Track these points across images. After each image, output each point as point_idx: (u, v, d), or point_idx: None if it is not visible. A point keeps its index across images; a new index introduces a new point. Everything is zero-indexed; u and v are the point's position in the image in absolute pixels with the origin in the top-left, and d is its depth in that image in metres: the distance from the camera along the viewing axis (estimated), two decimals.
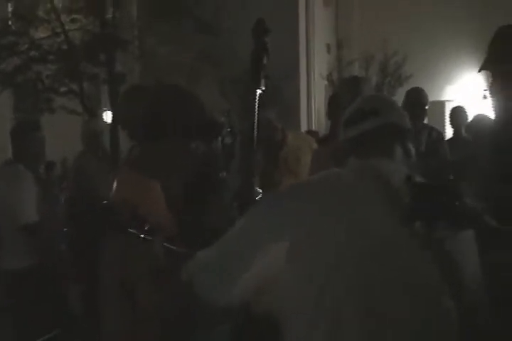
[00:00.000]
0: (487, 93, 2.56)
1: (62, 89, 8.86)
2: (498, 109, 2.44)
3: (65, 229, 4.01)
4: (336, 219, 1.35)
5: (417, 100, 4.12)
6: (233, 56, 7.69)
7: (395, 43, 10.64)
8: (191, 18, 8.87)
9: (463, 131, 5.14)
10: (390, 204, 1.37)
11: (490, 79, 2.36)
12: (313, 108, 11.14)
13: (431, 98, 4.41)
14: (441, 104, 10.14)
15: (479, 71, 2.37)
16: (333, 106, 3.49)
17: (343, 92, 3.33)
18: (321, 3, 12.09)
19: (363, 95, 1.85)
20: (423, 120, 4.28)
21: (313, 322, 1.29)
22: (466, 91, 11.02)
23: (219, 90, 9.27)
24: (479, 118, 4.99)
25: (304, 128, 9.85)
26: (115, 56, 8.87)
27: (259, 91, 2.14)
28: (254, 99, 2.12)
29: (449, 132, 6.10)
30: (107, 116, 10.12)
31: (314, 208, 1.37)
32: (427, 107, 4.17)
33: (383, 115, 1.54)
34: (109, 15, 8.88)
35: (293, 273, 1.33)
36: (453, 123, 5.38)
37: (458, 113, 5.40)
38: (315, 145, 3.48)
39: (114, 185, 1.78)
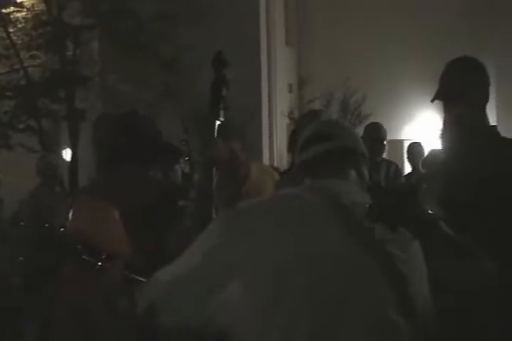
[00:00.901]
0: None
1: (20, 125, 8.74)
2: (447, 141, 2.50)
3: (20, 258, 3.88)
4: (287, 235, 1.36)
5: (376, 135, 4.20)
6: (194, 92, 7.74)
7: (355, 82, 10.87)
8: (153, 54, 8.93)
9: (420, 165, 5.23)
10: (341, 223, 1.37)
11: (442, 112, 2.42)
12: (275, 145, 11.23)
13: (389, 137, 4.50)
14: (400, 143, 10.33)
15: (432, 101, 2.44)
16: (294, 139, 3.52)
17: (302, 125, 3.36)
18: (283, 43, 12.35)
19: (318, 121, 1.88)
20: (382, 155, 4.34)
21: (266, 335, 1.29)
22: (424, 130, 11.27)
23: (181, 126, 9.27)
24: (434, 153, 5.08)
25: (265, 162, 9.91)
26: (75, 92, 8.82)
27: (218, 122, 2.14)
28: (213, 129, 2.12)
29: (408, 170, 6.20)
30: (67, 154, 9.98)
31: (269, 224, 1.38)
32: (385, 142, 4.25)
33: (336, 139, 1.56)
34: (70, 52, 8.87)
35: (244, 290, 1.32)
36: (410, 159, 5.49)
37: (414, 149, 5.51)
38: (277, 177, 3.48)
39: (71, 212, 1.74)
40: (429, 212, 1.30)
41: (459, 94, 2.33)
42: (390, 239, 1.35)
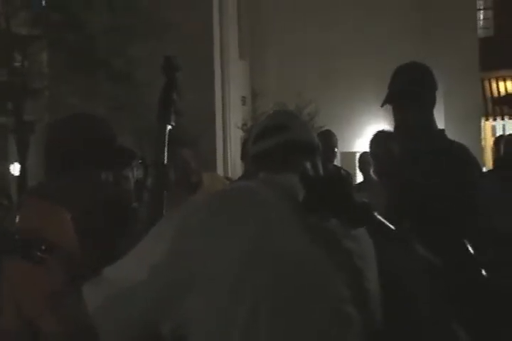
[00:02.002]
0: None
1: None
2: (396, 144, 2.57)
3: None
4: (242, 230, 1.30)
5: (327, 143, 4.23)
6: (147, 105, 7.67)
7: (308, 95, 11.00)
8: (104, 66, 8.82)
9: (371, 173, 5.30)
10: (297, 218, 1.33)
11: (392, 116, 2.47)
12: (229, 156, 11.24)
13: (342, 149, 4.55)
14: (353, 155, 10.48)
15: (382, 106, 2.49)
16: (246, 147, 3.52)
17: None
18: (237, 57, 12.41)
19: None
20: (333, 161, 4.39)
21: (226, 336, 1.25)
22: None
23: (133, 139, 9.18)
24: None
25: (220, 172, 9.89)
26: (23, 105, 8.62)
27: (169, 127, 2.10)
28: (164, 134, 2.08)
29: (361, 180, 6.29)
30: (15, 169, 9.72)
31: (222, 219, 1.33)
32: (336, 150, 4.30)
33: (289, 131, 1.50)
34: (18, 63, 8.68)
35: (203, 291, 1.27)
36: (361, 167, 5.55)
37: (365, 157, 5.58)
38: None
39: (19, 212, 1.69)
40: (364, 200, 1.29)
41: (408, 98, 2.40)
42: (345, 234, 1.33)
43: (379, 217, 1.28)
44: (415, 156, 2.40)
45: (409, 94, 2.39)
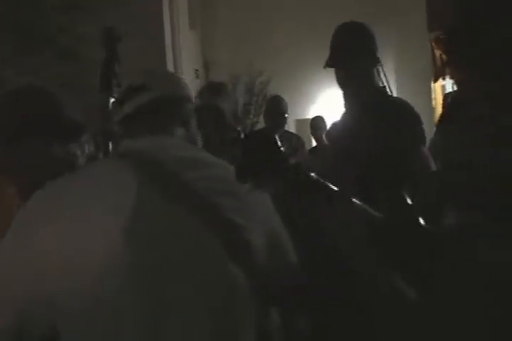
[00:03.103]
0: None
1: None
2: (344, 103, 2.66)
3: None
4: (105, 222, 1.18)
5: (276, 108, 4.30)
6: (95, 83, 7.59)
7: (260, 64, 10.99)
8: (53, 46, 8.65)
9: (323, 138, 5.41)
10: (163, 191, 1.20)
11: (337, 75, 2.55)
12: None
13: (296, 116, 4.61)
14: (306, 122, 10.58)
15: (324, 67, 2.55)
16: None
17: (203, 99, 3.40)
18: (187, 27, 12.26)
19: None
20: (283, 127, 4.46)
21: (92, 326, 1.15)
22: (329, 109, 11.59)
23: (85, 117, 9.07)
24: (335, 124, 5.26)
25: None
26: None
27: (112, 99, 2.13)
28: (107, 106, 2.12)
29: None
30: None
31: (81, 211, 1.19)
32: (286, 115, 4.37)
33: (153, 89, 1.38)
34: None
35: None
36: (313, 133, 5.66)
37: (317, 122, 5.69)
38: None
39: None
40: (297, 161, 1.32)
41: (349, 59, 2.46)
42: (218, 190, 1.24)
43: (316, 177, 1.26)
44: (358, 112, 2.48)
45: (349, 55, 2.45)
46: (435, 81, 13.61)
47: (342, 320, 2.03)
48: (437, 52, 14.22)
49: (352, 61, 2.48)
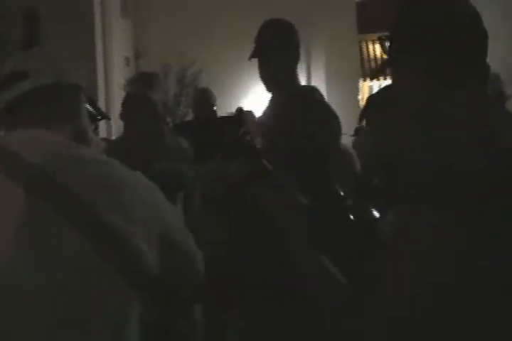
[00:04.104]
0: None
1: None
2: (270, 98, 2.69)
3: None
4: None
5: (204, 100, 4.25)
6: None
7: (191, 55, 10.93)
8: None
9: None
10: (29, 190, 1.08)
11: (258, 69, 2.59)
12: (112, 117, 10.99)
13: (228, 110, 4.55)
14: None
15: (249, 59, 2.59)
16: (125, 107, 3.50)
17: (133, 90, 3.35)
18: (118, 15, 12.04)
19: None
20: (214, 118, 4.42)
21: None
22: (261, 103, 11.68)
23: None
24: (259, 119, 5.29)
25: (103, 135, 9.70)
26: None
27: None
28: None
29: None
30: None
31: None
32: (215, 107, 4.32)
33: (37, 76, 1.22)
34: None
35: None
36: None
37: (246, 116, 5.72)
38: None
39: None
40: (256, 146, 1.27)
41: (272, 53, 2.52)
42: (101, 201, 1.11)
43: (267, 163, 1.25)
44: (278, 107, 2.52)
45: (271, 48, 2.51)
46: (371, 80, 13.98)
47: (274, 307, 2.04)
48: (366, 54, 14.67)
49: (274, 56, 2.53)
